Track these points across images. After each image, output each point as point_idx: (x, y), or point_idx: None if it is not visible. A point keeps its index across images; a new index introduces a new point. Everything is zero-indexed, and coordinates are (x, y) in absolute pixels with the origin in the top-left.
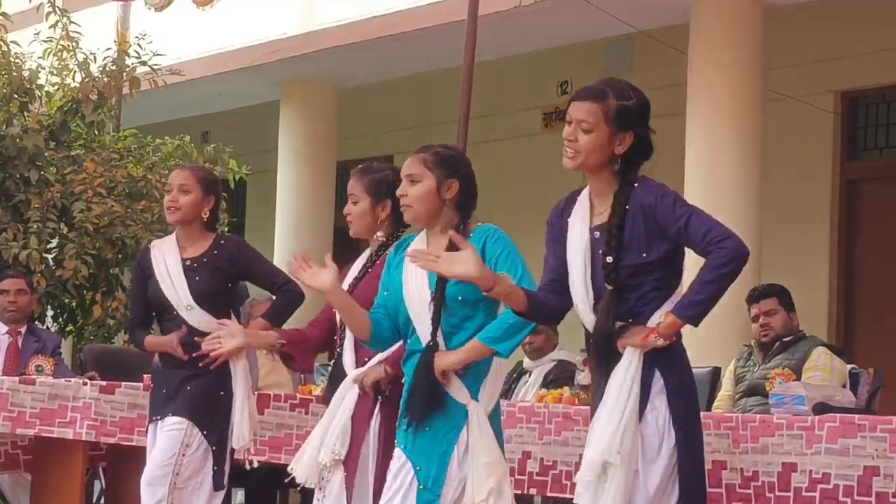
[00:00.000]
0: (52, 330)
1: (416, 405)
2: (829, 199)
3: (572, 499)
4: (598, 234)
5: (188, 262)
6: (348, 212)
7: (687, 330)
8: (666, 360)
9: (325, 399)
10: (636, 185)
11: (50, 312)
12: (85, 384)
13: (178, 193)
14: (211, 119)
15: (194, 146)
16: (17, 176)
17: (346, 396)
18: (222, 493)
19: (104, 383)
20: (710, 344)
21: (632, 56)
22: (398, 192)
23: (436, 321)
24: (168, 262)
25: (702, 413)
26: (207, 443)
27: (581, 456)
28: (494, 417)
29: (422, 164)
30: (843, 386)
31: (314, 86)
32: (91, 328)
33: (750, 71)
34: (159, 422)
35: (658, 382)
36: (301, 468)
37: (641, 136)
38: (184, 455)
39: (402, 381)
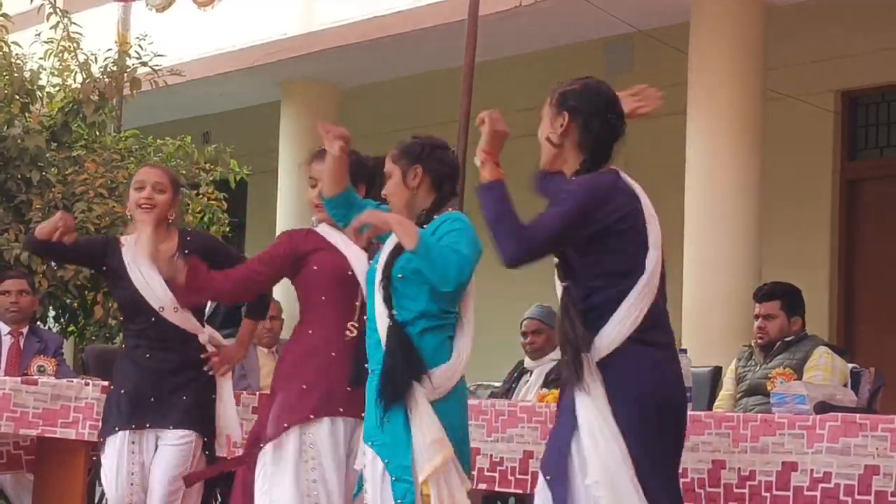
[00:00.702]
0: (54, 330)
1: (395, 382)
2: (830, 199)
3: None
4: None
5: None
6: (316, 196)
7: (688, 329)
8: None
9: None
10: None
11: (52, 313)
12: (87, 384)
13: (154, 192)
14: (212, 119)
15: (195, 146)
16: (19, 177)
17: None
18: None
19: (106, 383)
20: (710, 344)
21: (632, 56)
22: (382, 194)
23: (388, 299)
24: (142, 266)
25: (703, 412)
26: (204, 449)
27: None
28: (450, 406)
29: (390, 160)
30: (845, 385)
31: (315, 86)
32: (92, 329)
33: (750, 70)
34: (153, 431)
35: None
36: None
37: (590, 121)
38: (192, 466)
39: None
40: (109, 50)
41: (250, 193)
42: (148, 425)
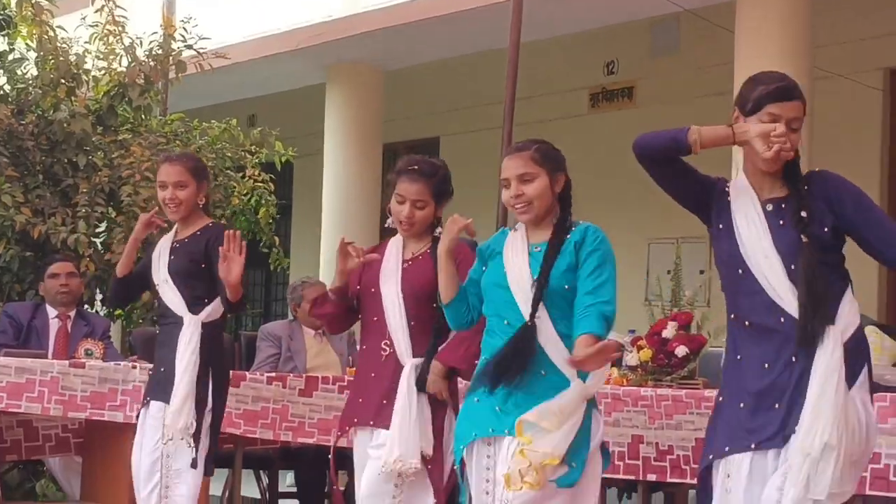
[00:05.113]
0: (101, 314)
1: (505, 374)
2: (878, 177)
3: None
4: (770, 206)
5: (175, 244)
6: (411, 216)
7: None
8: None
9: None
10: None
11: (99, 296)
12: (134, 367)
13: (176, 190)
14: (257, 102)
15: (241, 129)
16: (65, 161)
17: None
18: (201, 475)
19: (153, 366)
20: None
21: (678, 35)
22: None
23: (536, 302)
24: (163, 242)
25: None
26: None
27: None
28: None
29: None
30: (893, 365)
31: (360, 68)
32: (140, 312)
33: (797, 49)
34: (154, 403)
35: None
36: (409, 453)
37: None
38: (170, 439)
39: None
40: (154, 33)
41: (296, 176)
42: (149, 399)
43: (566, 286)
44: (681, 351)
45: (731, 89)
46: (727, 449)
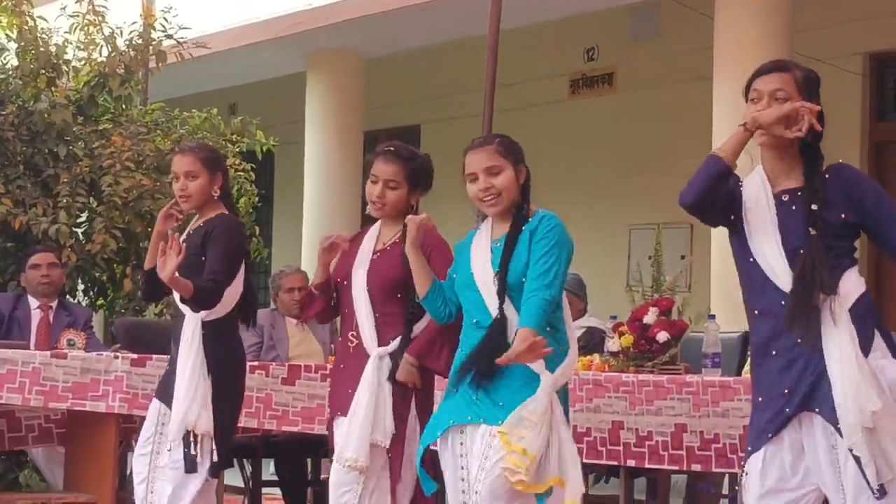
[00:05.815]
0: (83, 304)
1: (479, 368)
2: (858, 162)
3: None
4: (786, 196)
5: (185, 238)
6: (382, 195)
7: (717, 294)
8: None
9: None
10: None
11: (81, 286)
12: (116, 358)
13: (187, 181)
14: (238, 91)
15: (221, 119)
16: (46, 151)
17: (383, 383)
18: (201, 478)
19: (135, 356)
20: (739, 309)
21: (658, 21)
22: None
23: (501, 294)
24: (183, 233)
25: (733, 378)
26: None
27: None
28: (563, 396)
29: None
30: None
31: (340, 56)
32: (122, 302)
33: (777, 34)
34: None
35: None
36: (357, 449)
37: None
38: (161, 434)
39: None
40: (135, 23)
41: (277, 164)
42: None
43: (524, 280)
44: (662, 337)
45: (710, 75)
46: (749, 449)
